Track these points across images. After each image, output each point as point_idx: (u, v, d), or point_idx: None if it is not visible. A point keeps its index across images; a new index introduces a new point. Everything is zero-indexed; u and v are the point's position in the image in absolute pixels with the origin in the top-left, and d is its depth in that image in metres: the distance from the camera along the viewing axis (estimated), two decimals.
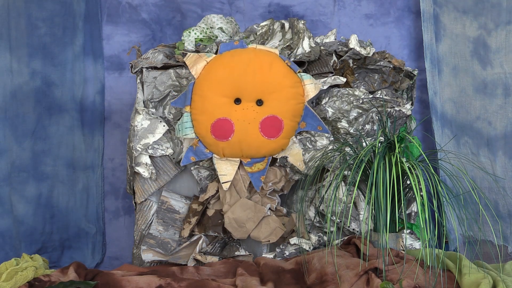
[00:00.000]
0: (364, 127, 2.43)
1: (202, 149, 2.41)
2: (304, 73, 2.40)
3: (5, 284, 2.03)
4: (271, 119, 2.38)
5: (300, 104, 2.39)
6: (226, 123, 2.38)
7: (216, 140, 2.38)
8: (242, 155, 2.40)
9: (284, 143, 2.41)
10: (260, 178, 2.41)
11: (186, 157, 2.42)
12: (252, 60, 2.39)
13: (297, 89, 2.39)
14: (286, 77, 2.39)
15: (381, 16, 3.03)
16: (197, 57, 2.43)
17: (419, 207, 1.94)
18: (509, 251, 2.71)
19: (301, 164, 2.40)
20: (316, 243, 2.42)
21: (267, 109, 2.38)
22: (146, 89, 2.48)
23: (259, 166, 2.41)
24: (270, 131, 2.38)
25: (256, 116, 2.38)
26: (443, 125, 2.85)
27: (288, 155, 2.41)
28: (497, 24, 2.75)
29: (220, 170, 2.41)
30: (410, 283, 1.97)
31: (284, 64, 2.40)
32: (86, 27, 2.98)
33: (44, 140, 2.91)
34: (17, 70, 2.86)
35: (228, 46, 2.43)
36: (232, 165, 2.41)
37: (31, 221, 2.87)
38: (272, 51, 2.43)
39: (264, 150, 2.40)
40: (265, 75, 2.37)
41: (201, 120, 2.39)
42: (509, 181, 2.71)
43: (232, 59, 2.40)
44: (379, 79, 2.51)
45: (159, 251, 2.45)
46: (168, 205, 2.47)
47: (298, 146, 2.42)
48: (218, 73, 2.39)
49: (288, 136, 2.40)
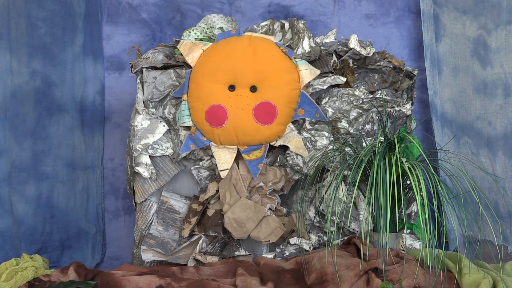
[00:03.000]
0: (364, 127, 2.43)
1: (200, 137, 2.41)
2: (299, 59, 2.40)
3: (5, 284, 2.03)
4: (265, 105, 2.37)
5: (295, 90, 2.38)
6: (220, 109, 2.37)
7: (211, 127, 2.38)
8: (238, 142, 2.39)
9: (280, 130, 2.39)
10: (258, 166, 2.40)
11: (186, 145, 2.42)
12: (246, 46, 2.39)
13: (292, 74, 2.38)
14: (281, 62, 2.38)
15: (381, 16, 3.03)
16: (192, 45, 2.44)
17: (419, 207, 1.94)
18: (509, 251, 2.71)
19: (304, 152, 2.39)
20: (316, 243, 2.42)
21: (261, 95, 2.38)
22: (146, 89, 2.48)
23: (257, 153, 2.40)
24: (263, 117, 2.37)
25: (249, 102, 2.37)
26: (443, 125, 2.85)
27: (288, 143, 2.40)
28: (497, 24, 2.75)
29: (218, 158, 2.41)
30: (410, 283, 1.97)
31: (279, 51, 2.40)
32: (86, 27, 2.98)
33: (44, 140, 2.91)
34: (17, 70, 2.86)
35: (225, 35, 2.45)
36: (230, 153, 2.41)
37: (31, 221, 2.87)
38: (268, 38, 2.43)
39: (259, 137, 2.39)
40: (259, 61, 2.37)
41: (196, 107, 2.39)
42: (509, 181, 2.71)
43: (227, 46, 2.40)
44: (379, 79, 2.51)
45: (159, 251, 2.45)
46: (168, 205, 2.48)
47: (297, 133, 2.41)
48: (213, 60, 2.39)
49: (284, 122, 2.39)
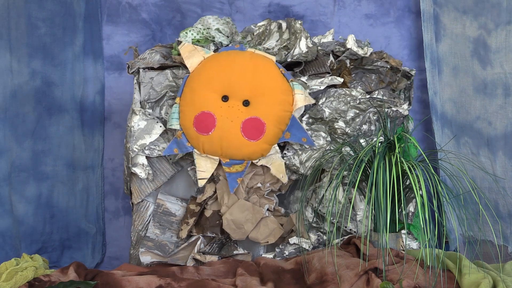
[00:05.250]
0: (361, 127, 2.43)
1: (184, 142, 2.40)
2: (296, 83, 2.40)
3: (5, 284, 2.03)
4: (254, 121, 2.37)
5: (286, 112, 2.38)
6: (209, 117, 2.37)
7: (198, 133, 2.37)
8: (221, 154, 2.39)
9: (265, 149, 2.39)
10: (237, 180, 2.40)
11: (170, 147, 2.41)
12: (247, 61, 2.40)
13: (286, 96, 2.38)
14: (277, 83, 2.39)
15: (381, 16, 3.03)
16: (193, 49, 2.44)
17: (419, 207, 1.94)
18: (509, 251, 2.71)
19: (283, 177, 2.38)
20: (316, 242, 2.42)
21: (252, 111, 2.38)
22: (143, 90, 2.48)
23: (238, 168, 2.40)
24: (251, 132, 2.37)
25: (240, 115, 2.37)
26: (443, 125, 2.85)
27: (270, 165, 2.39)
28: (497, 24, 2.74)
29: (199, 165, 2.40)
30: (410, 283, 1.97)
31: (278, 71, 2.41)
32: (86, 27, 2.98)
33: (44, 140, 2.91)
34: (17, 70, 2.86)
35: (228, 48, 2.47)
36: (211, 162, 2.40)
37: (31, 221, 2.87)
38: (269, 57, 2.43)
39: (243, 152, 2.38)
40: (257, 77, 2.38)
41: (186, 111, 2.39)
42: (509, 181, 2.71)
43: (228, 57, 2.41)
44: (376, 79, 2.51)
45: (158, 253, 2.45)
46: (164, 208, 2.47)
47: (280, 157, 2.40)
48: (211, 68, 2.40)
49: (270, 141, 2.38)
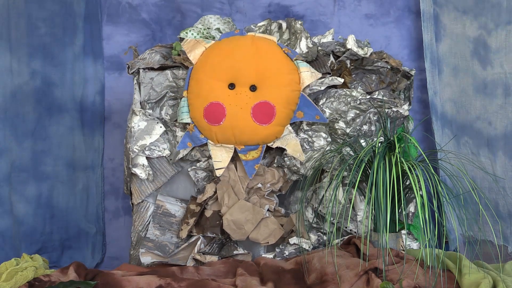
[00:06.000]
0: (362, 127, 2.43)
1: (197, 134, 2.40)
2: (300, 61, 2.39)
3: (5, 284, 2.03)
4: (263, 105, 2.36)
5: (295, 92, 2.37)
6: (218, 107, 2.37)
7: (209, 124, 2.37)
8: (235, 141, 2.39)
9: (278, 131, 2.38)
10: (254, 166, 2.39)
11: (183, 142, 2.41)
12: (249, 45, 2.39)
13: (292, 75, 2.37)
14: (282, 63, 2.38)
15: (381, 16, 3.03)
16: (195, 43, 2.44)
17: (419, 207, 1.94)
18: (509, 251, 2.71)
19: (301, 155, 2.37)
20: (316, 242, 2.42)
21: (260, 95, 2.37)
22: (143, 90, 2.48)
23: (254, 154, 2.39)
24: (261, 117, 2.36)
25: (248, 101, 2.37)
26: (443, 125, 2.85)
27: (286, 146, 2.38)
28: (497, 24, 2.74)
29: (214, 156, 2.39)
30: (410, 283, 1.97)
31: (281, 51, 2.40)
32: (86, 27, 2.98)
33: (44, 140, 2.91)
34: (17, 70, 2.86)
35: (228, 34, 2.45)
36: (227, 151, 2.40)
37: (31, 221, 2.87)
38: (270, 39, 2.43)
39: (257, 137, 2.38)
40: (260, 61, 2.37)
41: (195, 104, 2.39)
42: (509, 181, 2.70)
43: (229, 44, 2.41)
44: (377, 79, 2.51)
45: (158, 253, 2.45)
46: (163, 209, 2.47)
47: (295, 136, 2.40)
48: (215, 57, 2.39)
49: (282, 123, 2.38)
